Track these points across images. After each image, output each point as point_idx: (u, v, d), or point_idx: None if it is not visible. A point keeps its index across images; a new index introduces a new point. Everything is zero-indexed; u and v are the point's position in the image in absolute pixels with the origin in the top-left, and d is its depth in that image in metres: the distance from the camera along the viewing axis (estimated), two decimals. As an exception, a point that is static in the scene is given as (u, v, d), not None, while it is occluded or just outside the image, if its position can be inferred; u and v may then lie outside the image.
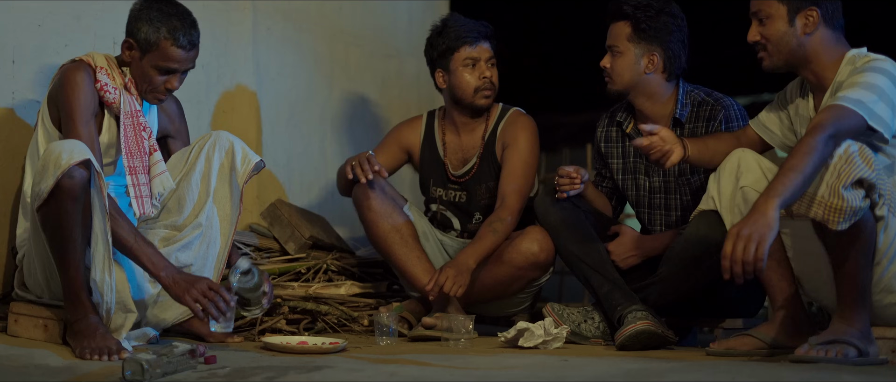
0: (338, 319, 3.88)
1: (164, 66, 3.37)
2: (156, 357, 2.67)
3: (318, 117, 4.82)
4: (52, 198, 2.98)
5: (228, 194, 3.55)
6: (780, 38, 3.22)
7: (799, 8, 3.19)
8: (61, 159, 2.97)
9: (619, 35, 3.75)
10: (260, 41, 4.50)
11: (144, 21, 3.35)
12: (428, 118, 4.24)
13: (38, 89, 3.63)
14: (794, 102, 3.35)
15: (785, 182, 2.84)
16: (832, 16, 3.20)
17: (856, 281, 2.96)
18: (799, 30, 3.20)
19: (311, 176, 4.75)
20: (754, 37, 3.26)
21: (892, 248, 2.99)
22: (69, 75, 3.30)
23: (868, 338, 2.98)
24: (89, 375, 2.73)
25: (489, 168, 4.07)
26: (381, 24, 5.13)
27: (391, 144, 4.23)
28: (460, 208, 4.16)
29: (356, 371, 2.78)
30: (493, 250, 3.85)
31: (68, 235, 3.01)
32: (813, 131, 2.90)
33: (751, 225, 2.81)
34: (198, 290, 3.19)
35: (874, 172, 2.86)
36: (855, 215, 2.85)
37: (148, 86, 3.40)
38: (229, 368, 2.82)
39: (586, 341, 3.63)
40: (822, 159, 2.87)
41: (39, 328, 3.25)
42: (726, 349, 3.24)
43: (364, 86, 5.03)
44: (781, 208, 2.84)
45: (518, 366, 2.95)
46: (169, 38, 3.34)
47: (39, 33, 3.65)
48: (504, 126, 4.07)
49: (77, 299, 3.07)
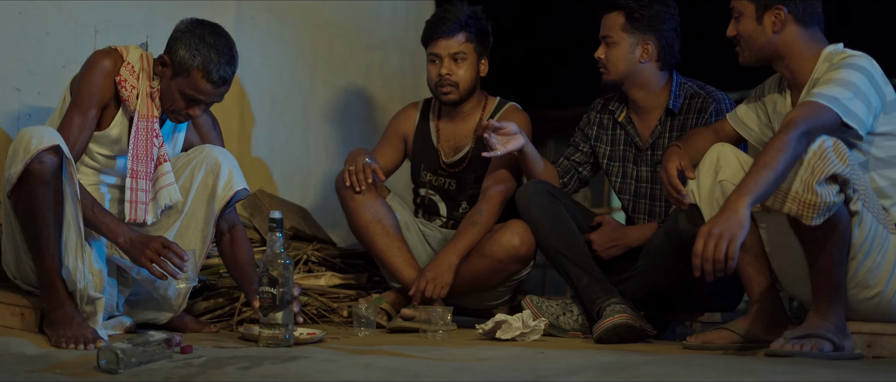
0: (317, 310, 3.88)
1: (189, 94, 3.30)
2: (131, 346, 2.67)
3: (301, 109, 4.81)
4: (22, 183, 2.97)
5: (204, 215, 3.46)
6: (750, 36, 3.24)
7: (767, 6, 3.21)
8: (31, 144, 2.96)
9: (613, 25, 3.77)
10: (243, 32, 4.49)
11: (183, 44, 3.29)
12: (423, 105, 4.26)
13: (19, 77, 3.63)
14: (771, 98, 3.36)
15: (757, 179, 2.85)
16: (804, 13, 3.20)
17: (831, 276, 2.97)
18: (768, 28, 3.21)
19: (293, 167, 4.75)
20: (731, 32, 3.29)
21: (867, 243, 3.00)
22: (93, 59, 3.29)
23: (843, 333, 2.99)
24: (65, 364, 2.73)
25: (480, 160, 4.07)
26: (364, 15, 5.12)
27: (392, 136, 4.26)
28: (449, 194, 4.17)
29: (331, 361, 2.78)
30: (474, 243, 3.87)
31: (40, 221, 3.00)
32: (786, 128, 2.91)
33: (722, 224, 2.82)
34: (152, 250, 3.17)
35: (848, 167, 2.87)
36: (829, 211, 2.86)
37: (170, 105, 3.34)
38: (205, 358, 2.82)
39: (564, 334, 3.64)
40: (795, 155, 2.88)
41: (16, 316, 3.24)
42: (703, 342, 3.26)
43: (347, 77, 5.02)
44: (753, 205, 2.85)
45: (494, 358, 2.95)
46: (201, 70, 3.27)
47: (20, 21, 3.64)
48: (498, 119, 4.08)
49: (53, 288, 3.05)
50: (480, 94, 4.15)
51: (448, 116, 4.17)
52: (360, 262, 4.26)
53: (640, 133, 3.89)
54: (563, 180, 4.00)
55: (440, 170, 4.18)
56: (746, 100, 3.46)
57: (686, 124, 3.77)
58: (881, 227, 3.02)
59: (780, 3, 3.19)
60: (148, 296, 3.47)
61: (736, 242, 2.81)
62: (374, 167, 3.88)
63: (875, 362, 3.01)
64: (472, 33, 4.02)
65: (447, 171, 4.16)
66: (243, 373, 2.60)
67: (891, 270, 3.04)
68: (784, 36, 3.21)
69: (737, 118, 3.45)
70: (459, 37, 4.01)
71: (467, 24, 4.02)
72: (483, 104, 4.15)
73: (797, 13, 3.20)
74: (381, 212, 3.98)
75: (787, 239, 3.09)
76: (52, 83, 3.67)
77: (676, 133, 3.78)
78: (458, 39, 4.01)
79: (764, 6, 3.21)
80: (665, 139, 3.82)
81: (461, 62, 4.02)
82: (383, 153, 4.20)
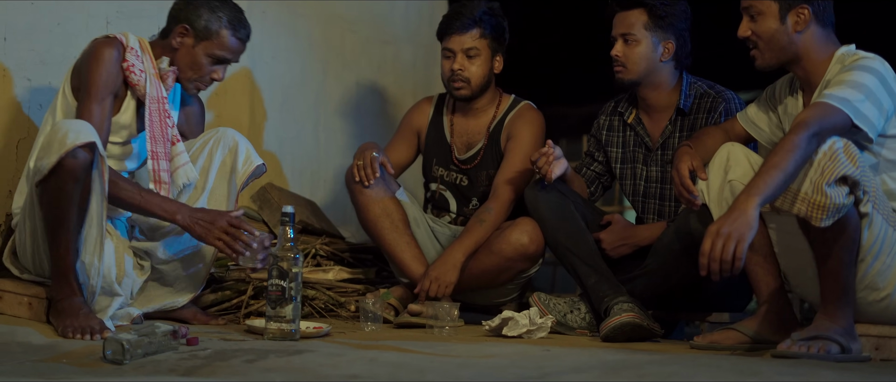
0: (325, 304, 3.88)
1: (219, 54, 3.41)
2: (137, 337, 2.67)
3: (312, 103, 4.81)
4: (52, 175, 2.98)
5: (226, 192, 3.54)
6: (772, 36, 3.19)
7: (791, 5, 3.16)
8: (67, 138, 2.96)
9: (635, 23, 3.74)
10: (255, 25, 4.43)
11: (205, 8, 3.39)
12: (438, 100, 4.26)
13: (31, 67, 3.64)
14: (783, 100, 3.34)
15: (767, 180, 2.83)
16: (823, 13, 3.18)
17: (839, 278, 2.95)
18: (790, 27, 3.17)
19: (303, 161, 4.75)
20: (745, 33, 3.23)
21: (877, 245, 2.98)
22: (97, 50, 3.29)
23: (851, 335, 2.98)
24: (70, 354, 2.74)
25: (493, 157, 4.08)
26: (377, 9, 5.11)
27: (405, 131, 4.26)
28: (460, 190, 4.17)
29: (336, 355, 2.78)
30: (481, 242, 3.86)
31: (64, 214, 3.01)
32: (797, 129, 2.90)
33: (730, 223, 2.81)
34: (219, 228, 3.22)
35: (859, 169, 2.86)
36: (838, 212, 2.84)
37: (194, 74, 3.42)
38: (210, 350, 2.82)
39: (572, 331, 3.63)
40: (805, 156, 2.86)
41: (24, 305, 3.25)
42: (710, 342, 3.25)
43: (359, 72, 5.02)
44: (762, 205, 2.83)
45: (499, 355, 2.94)
46: (228, 28, 3.40)
47: (32, 11, 3.65)
48: (512, 118, 4.08)
49: (64, 278, 3.07)
50: (495, 91, 4.14)
51: (461, 111, 4.16)
52: (369, 257, 4.26)
53: (650, 133, 3.87)
54: (589, 189, 4.01)
55: (452, 165, 4.17)
56: (757, 100, 3.45)
57: (696, 124, 3.76)
58: (891, 229, 3.00)
59: (805, 2, 3.16)
60: (163, 280, 3.49)
61: (744, 242, 2.79)
62: (382, 160, 3.88)
63: (882, 365, 2.99)
64: (486, 29, 4.01)
65: (459, 167, 4.16)
66: (248, 366, 2.60)
67: (900, 270, 3.03)
68: (805, 36, 3.17)
69: (747, 118, 3.43)
70: (473, 32, 3.99)
71: (482, 20, 4.00)
72: (497, 102, 4.14)
73: (818, 13, 3.17)
74: (390, 207, 3.97)
75: (796, 240, 3.07)
76: (64, 74, 3.68)
77: (686, 133, 3.77)
78: (471, 35, 3.99)
79: (788, 5, 3.17)
80: (675, 139, 3.81)
81: (474, 58, 4.01)
82: (397, 148, 4.19)
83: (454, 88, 4.04)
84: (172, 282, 3.51)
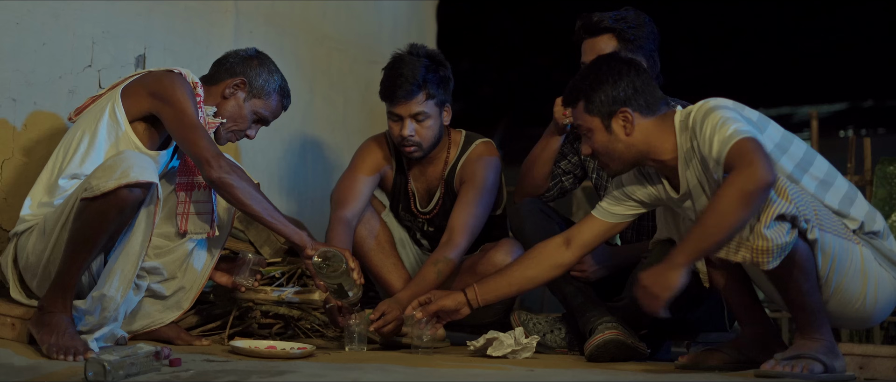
0: (311, 324, 3.87)
1: (263, 114, 3.61)
2: (119, 358, 2.66)
3: (300, 122, 4.82)
4: (102, 198, 2.98)
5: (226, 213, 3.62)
6: (607, 148, 3.15)
7: (611, 113, 3.12)
8: (131, 171, 2.98)
9: (605, 48, 3.73)
10: (242, 45, 4.47)
11: (265, 70, 3.59)
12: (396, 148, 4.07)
13: (15, 87, 3.62)
14: (646, 192, 3.28)
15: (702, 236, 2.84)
16: (647, 104, 3.12)
17: (805, 306, 2.95)
18: (620, 134, 3.13)
19: (291, 181, 4.75)
20: (586, 152, 3.20)
21: (834, 262, 2.97)
22: (178, 80, 3.36)
23: (833, 353, 2.97)
24: (52, 375, 2.72)
25: (452, 204, 3.98)
26: (365, 29, 5.13)
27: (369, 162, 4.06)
28: (429, 236, 4.14)
29: (319, 376, 2.77)
30: (433, 287, 3.69)
31: (94, 237, 3.02)
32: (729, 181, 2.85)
33: (654, 279, 2.84)
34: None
35: (792, 203, 2.83)
36: (783, 251, 2.83)
37: (237, 126, 3.58)
38: (193, 371, 2.81)
39: (552, 351, 3.62)
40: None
41: (7, 326, 3.23)
42: (694, 362, 3.24)
43: (346, 92, 5.02)
44: (696, 261, 2.84)
45: (483, 375, 2.94)
46: (280, 93, 3.63)
47: (17, 31, 3.64)
48: (463, 163, 3.99)
49: (62, 293, 3.06)
50: (445, 134, 4.02)
51: (416, 161, 4.05)
52: (355, 277, 4.24)
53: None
54: (548, 184, 3.97)
55: (417, 216, 4.12)
56: (607, 198, 3.37)
57: None
58: (843, 240, 2.98)
59: (622, 106, 3.11)
60: (155, 296, 3.50)
61: (662, 300, 2.84)
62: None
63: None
64: (432, 89, 3.85)
65: (422, 217, 4.11)
66: (229, 387, 2.59)
67: (865, 277, 3.02)
68: (637, 135, 3.12)
69: (607, 212, 3.36)
70: (419, 98, 3.84)
71: (426, 81, 3.84)
72: (447, 145, 4.04)
73: (641, 108, 3.12)
74: (375, 228, 3.97)
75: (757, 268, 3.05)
76: (49, 94, 3.68)
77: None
78: (417, 100, 3.84)
79: (608, 114, 3.12)
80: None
81: (423, 121, 3.87)
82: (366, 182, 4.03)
83: (407, 152, 3.93)
84: (162, 299, 3.52)
